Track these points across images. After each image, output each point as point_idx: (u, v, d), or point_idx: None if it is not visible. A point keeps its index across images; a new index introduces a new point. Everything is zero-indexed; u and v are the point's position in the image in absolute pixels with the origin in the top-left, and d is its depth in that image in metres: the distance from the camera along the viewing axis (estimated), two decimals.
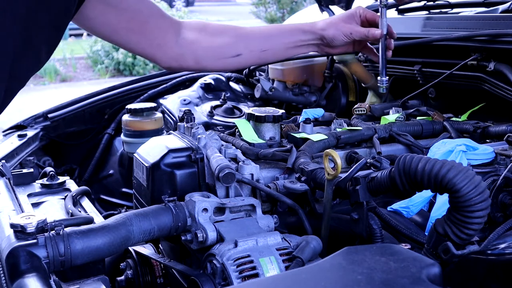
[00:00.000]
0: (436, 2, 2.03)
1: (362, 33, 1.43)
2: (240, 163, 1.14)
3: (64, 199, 1.22)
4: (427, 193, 1.11)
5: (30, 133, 2.09)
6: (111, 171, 2.36)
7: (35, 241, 0.86)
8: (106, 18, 1.27)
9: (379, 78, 1.50)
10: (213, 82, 2.34)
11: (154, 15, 1.34)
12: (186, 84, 2.48)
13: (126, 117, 2.04)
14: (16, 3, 0.96)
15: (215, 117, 2.12)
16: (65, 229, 0.90)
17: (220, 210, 1.04)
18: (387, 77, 1.49)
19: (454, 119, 1.54)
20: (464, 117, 1.56)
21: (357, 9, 1.47)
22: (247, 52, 1.43)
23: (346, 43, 1.46)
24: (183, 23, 1.40)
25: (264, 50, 1.44)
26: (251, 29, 1.49)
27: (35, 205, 1.22)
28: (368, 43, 1.51)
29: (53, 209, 1.19)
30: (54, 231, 0.89)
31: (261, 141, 1.30)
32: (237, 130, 1.38)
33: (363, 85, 2.04)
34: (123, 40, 1.33)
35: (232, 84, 2.43)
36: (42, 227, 0.89)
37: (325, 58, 2.13)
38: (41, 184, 1.32)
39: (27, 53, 1.02)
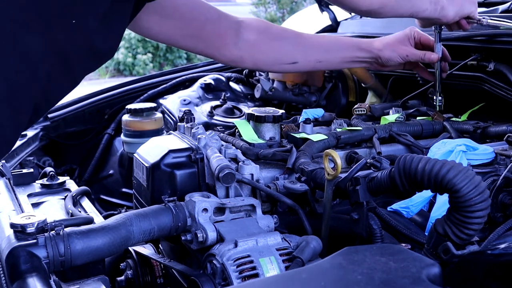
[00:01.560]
0: None
1: (419, 56, 1.47)
2: (240, 163, 1.14)
3: (64, 199, 1.22)
4: (427, 193, 1.11)
5: (30, 133, 2.08)
6: (111, 171, 2.36)
7: (35, 241, 0.86)
8: (161, 28, 1.28)
9: (435, 97, 1.54)
10: (213, 82, 2.34)
11: (211, 19, 1.34)
12: (186, 84, 2.47)
13: (126, 117, 2.04)
14: (55, 34, 0.94)
15: (215, 117, 2.11)
16: (65, 229, 0.90)
17: (220, 210, 1.04)
18: (442, 97, 1.53)
19: (454, 119, 1.54)
20: (464, 117, 1.56)
21: (411, 31, 1.49)
22: (303, 61, 1.45)
23: (399, 63, 1.49)
24: (243, 22, 1.40)
25: (319, 61, 1.46)
26: (310, 37, 1.51)
27: (35, 205, 1.21)
28: (419, 63, 1.54)
29: (53, 209, 1.19)
30: (54, 231, 0.89)
31: (261, 141, 1.30)
32: (237, 130, 1.38)
33: (363, 85, 2.04)
34: (181, 44, 1.37)
35: (232, 84, 2.42)
36: (42, 227, 0.88)
37: None
38: (41, 184, 1.32)
39: (63, 78, 1.01)
